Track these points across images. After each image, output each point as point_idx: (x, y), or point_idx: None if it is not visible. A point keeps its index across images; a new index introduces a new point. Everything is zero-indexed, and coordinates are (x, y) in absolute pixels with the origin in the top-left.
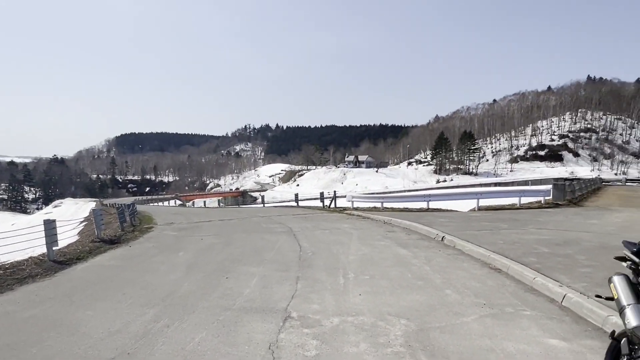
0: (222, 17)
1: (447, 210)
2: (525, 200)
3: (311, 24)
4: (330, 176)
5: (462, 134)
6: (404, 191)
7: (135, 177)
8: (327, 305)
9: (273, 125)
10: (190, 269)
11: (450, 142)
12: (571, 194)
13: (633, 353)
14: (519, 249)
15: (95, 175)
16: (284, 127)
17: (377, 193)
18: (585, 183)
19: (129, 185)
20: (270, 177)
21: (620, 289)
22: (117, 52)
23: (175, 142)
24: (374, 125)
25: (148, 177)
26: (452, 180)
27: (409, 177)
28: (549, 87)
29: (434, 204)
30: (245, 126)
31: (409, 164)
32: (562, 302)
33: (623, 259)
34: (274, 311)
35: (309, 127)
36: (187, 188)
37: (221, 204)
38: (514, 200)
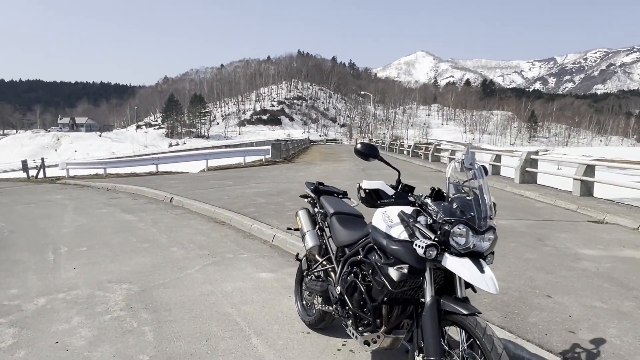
0: None
1: (178, 173)
2: (249, 159)
3: None
4: (38, 142)
5: (193, 97)
6: (133, 156)
7: None
8: (31, 287)
9: None
10: None
11: (182, 105)
12: (286, 152)
13: (309, 269)
14: (241, 202)
15: None
16: None
17: (102, 159)
18: (297, 143)
19: None
20: None
21: (302, 220)
22: None
23: None
24: (93, 83)
25: None
26: (184, 143)
27: (139, 141)
28: (269, 57)
29: (164, 167)
30: None
31: (138, 127)
32: (272, 241)
33: (306, 196)
34: None
35: (3, 80)
36: None
37: None
38: (240, 160)
